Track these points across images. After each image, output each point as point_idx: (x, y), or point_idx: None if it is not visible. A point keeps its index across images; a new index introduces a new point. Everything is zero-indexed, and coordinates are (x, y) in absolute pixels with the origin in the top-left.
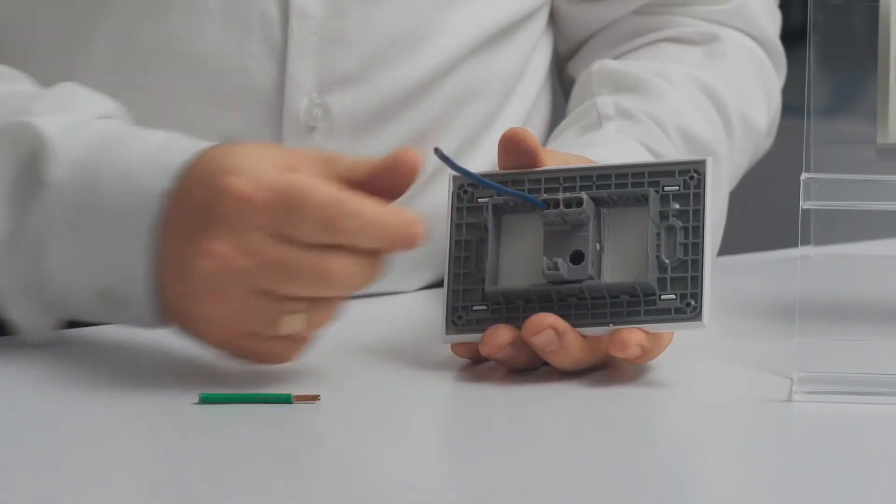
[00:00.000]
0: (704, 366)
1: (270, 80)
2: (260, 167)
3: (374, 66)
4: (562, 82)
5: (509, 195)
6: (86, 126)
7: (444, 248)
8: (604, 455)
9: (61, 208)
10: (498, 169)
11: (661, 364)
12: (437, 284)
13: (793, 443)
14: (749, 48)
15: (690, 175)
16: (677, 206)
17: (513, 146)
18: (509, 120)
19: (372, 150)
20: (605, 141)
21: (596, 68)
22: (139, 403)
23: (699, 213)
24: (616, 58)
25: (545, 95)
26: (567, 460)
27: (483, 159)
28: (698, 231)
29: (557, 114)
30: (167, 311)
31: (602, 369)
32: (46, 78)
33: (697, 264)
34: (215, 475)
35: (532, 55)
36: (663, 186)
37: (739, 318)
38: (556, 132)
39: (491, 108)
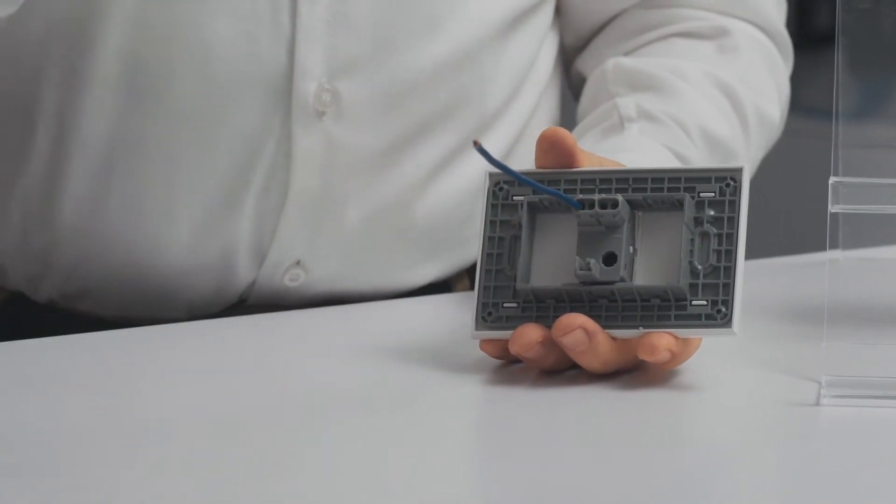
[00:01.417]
0: (732, 369)
1: (279, 66)
2: None
3: (383, 51)
4: (569, 78)
5: (545, 193)
6: None
7: (454, 239)
8: (631, 459)
9: None
10: (535, 167)
11: (689, 367)
12: (448, 278)
13: (821, 447)
14: (758, 39)
15: (727, 182)
16: (712, 213)
17: (550, 145)
18: (518, 113)
19: (380, 136)
20: (631, 145)
21: (610, 66)
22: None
23: (734, 221)
24: (627, 54)
25: (553, 89)
26: (594, 464)
27: (491, 151)
28: (732, 238)
29: (564, 109)
30: None
31: (630, 372)
32: (57, 67)
33: (730, 271)
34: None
35: (540, 47)
36: (699, 192)
37: (767, 322)
38: (576, 133)
39: (500, 101)
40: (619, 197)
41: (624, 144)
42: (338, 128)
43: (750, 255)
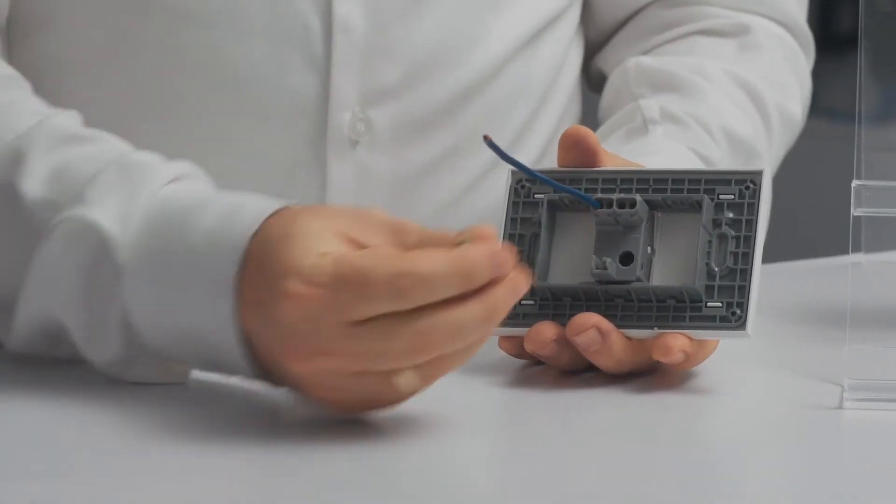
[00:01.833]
0: (753, 372)
1: (313, 95)
2: (315, 254)
3: (416, 77)
4: (587, 74)
5: (563, 191)
6: (143, 207)
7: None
8: (650, 463)
9: (138, 294)
10: (557, 166)
11: (709, 370)
12: None
13: (843, 451)
14: (779, 36)
15: (746, 185)
16: (731, 215)
17: (573, 143)
18: (547, 122)
19: (412, 160)
20: (655, 148)
21: (632, 66)
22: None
23: (752, 224)
24: (647, 52)
25: (577, 94)
26: (612, 467)
27: (524, 161)
28: (750, 241)
29: (585, 110)
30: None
31: (648, 374)
32: (89, 89)
33: (746, 274)
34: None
35: (567, 53)
36: (718, 194)
37: (789, 325)
38: (599, 134)
39: (530, 111)
40: (638, 197)
41: (648, 147)
42: (371, 155)
43: (772, 258)
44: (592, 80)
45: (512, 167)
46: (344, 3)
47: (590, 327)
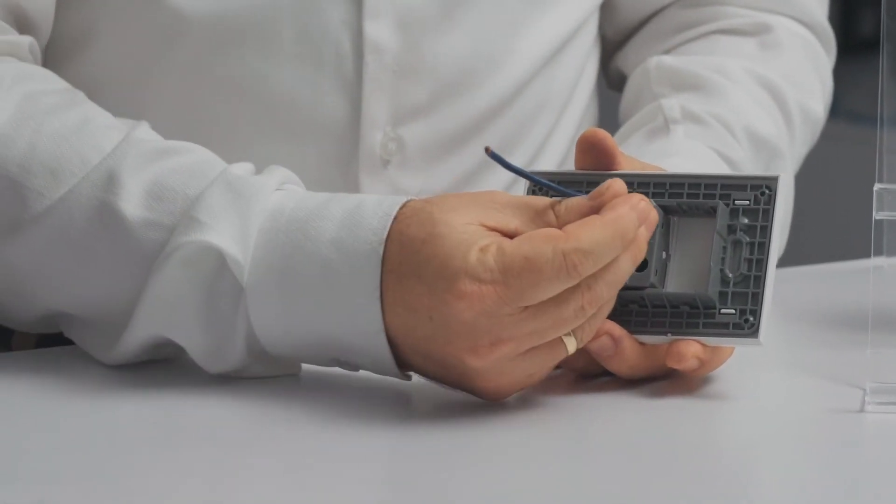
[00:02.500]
0: (773, 376)
1: (344, 115)
2: (474, 250)
3: (446, 96)
4: (607, 73)
5: (566, 195)
6: (257, 224)
7: None
8: (667, 466)
9: (263, 310)
10: (574, 169)
11: (728, 374)
12: None
13: (865, 454)
14: (800, 35)
15: (762, 191)
16: (746, 221)
17: (590, 146)
18: (567, 127)
19: (444, 178)
20: (676, 149)
21: (653, 65)
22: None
23: (766, 230)
24: (667, 51)
25: (594, 101)
26: (628, 471)
27: (548, 167)
28: (764, 247)
29: (604, 110)
30: None
31: (665, 379)
32: (115, 109)
33: (760, 281)
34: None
35: (586, 62)
36: (734, 200)
37: (810, 329)
38: (619, 134)
39: (552, 120)
40: (652, 202)
41: (669, 148)
42: (401, 174)
43: (792, 261)
44: (612, 79)
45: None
46: (374, 24)
47: (602, 334)
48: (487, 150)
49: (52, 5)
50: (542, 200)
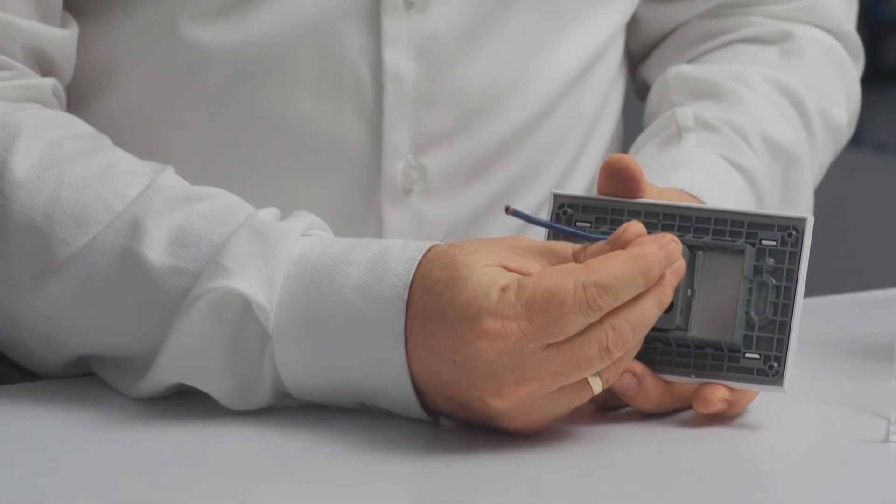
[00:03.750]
0: (798, 406)
1: (365, 145)
2: (495, 290)
3: (467, 122)
4: (634, 84)
5: (593, 240)
6: (283, 270)
7: None
8: (694, 498)
9: (289, 357)
10: (597, 193)
11: (753, 404)
12: None
13: (890, 484)
14: (825, 43)
15: (789, 232)
16: (772, 262)
17: (615, 172)
18: (595, 151)
19: (468, 205)
20: (688, 161)
21: (672, 74)
22: None
23: (793, 274)
24: (690, 61)
25: (621, 123)
26: (653, 502)
27: (577, 189)
28: (790, 292)
29: (630, 127)
30: None
31: (691, 409)
32: (139, 143)
33: (785, 326)
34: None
35: (612, 85)
36: (760, 240)
37: (835, 358)
38: (635, 145)
39: (579, 144)
40: (680, 244)
41: (680, 159)
42: (425, 202)
43: (818, 291)
44: (639, 89)
45: (554, 192)
46: (393, 53)
47: (624, 371)
48: (508, 209)
49: (74, 45)
50: (564, 245)
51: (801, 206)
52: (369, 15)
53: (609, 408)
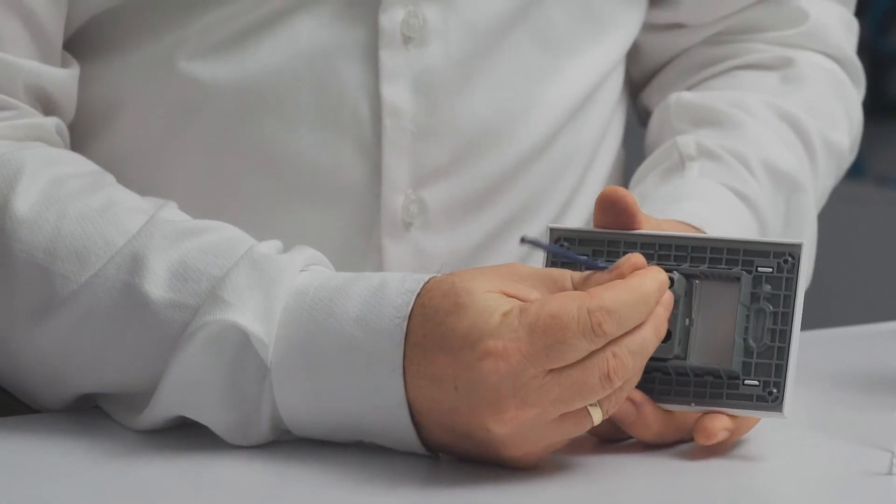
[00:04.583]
0: (800, 438)
1: (364, 179)
2: (497, 314)
3: (467, 155)
4: (636, 110)
5: (594, 268)
6: (282, 304)
7: None
8: None
9: (288, 390)
10: (593, 226)
11: (755, 435)
12: None
13: None
14: (826, 68)
15: (785, 258)
16: (769, 288)
17: (610, 205)
18: (595, 181)
19: (468, 239)
20: (690, 192)
21: (673, 101)
22: None
23: (790, 299)
24: (690, 88)
25: (622, 153)
26: None
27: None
28: (787, 318)
29: (631, 155)
30: None
31: (690, 440)
32: (139, 180)
33: (783, 352)
34: None
35: (613, 114)
36: (757, 267)
37: (838, 391)
38: (638, 175)
39: (579, 175)
40: (676, 274)
41: (683, 191)
42: (425, 236)
43: (822, 323)
44: (640, 116)
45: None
46: (391, 87)
47: (623, 400)
48: (523, 239)
49: (75, 85)
50: (563, 273)
51: (805, 233)
52: (367, 50)
53: (610, 440)
